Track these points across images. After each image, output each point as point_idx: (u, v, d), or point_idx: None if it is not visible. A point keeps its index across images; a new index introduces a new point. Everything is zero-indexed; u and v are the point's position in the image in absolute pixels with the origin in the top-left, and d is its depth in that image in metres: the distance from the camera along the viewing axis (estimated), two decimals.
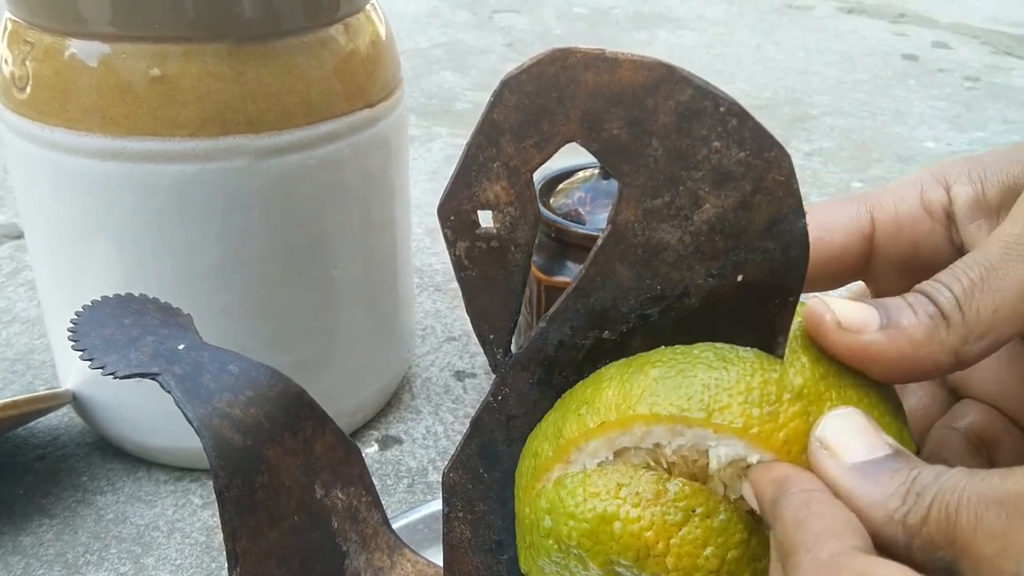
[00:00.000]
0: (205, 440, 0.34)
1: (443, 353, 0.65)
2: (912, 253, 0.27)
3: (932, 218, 0.27)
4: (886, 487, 0.21)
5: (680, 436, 0.24)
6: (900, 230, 0.27)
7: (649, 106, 0.25)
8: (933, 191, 0.27)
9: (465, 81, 1.31)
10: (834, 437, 0.22)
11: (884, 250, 0.27)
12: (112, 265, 0.48)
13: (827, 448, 0.22)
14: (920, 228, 0.27)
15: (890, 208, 0.27)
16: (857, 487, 0.21)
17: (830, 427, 0.22)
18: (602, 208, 0.57)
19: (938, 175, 0.27)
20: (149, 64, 0.43)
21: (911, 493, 0.20)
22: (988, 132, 1.15)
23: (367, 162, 0.50)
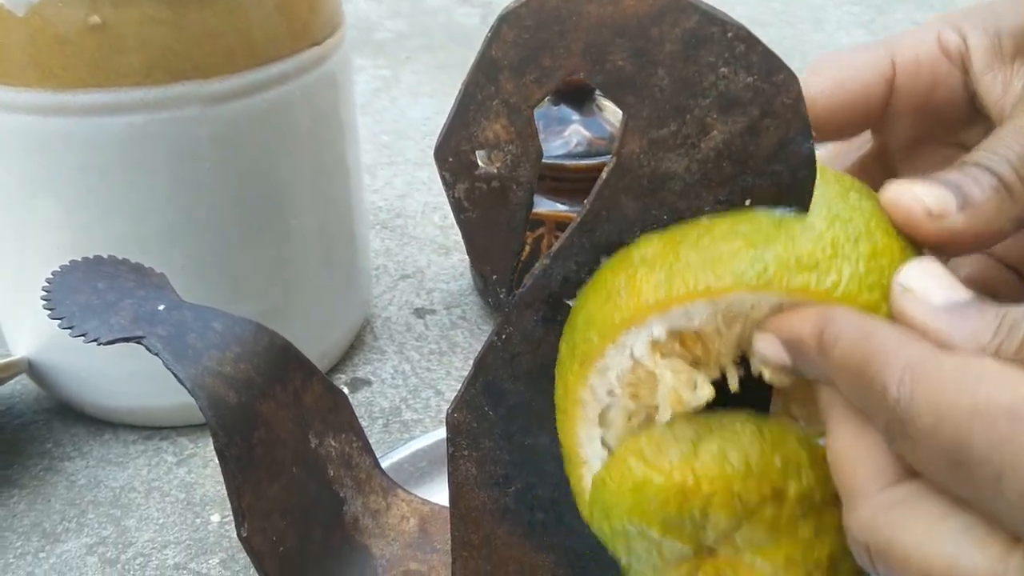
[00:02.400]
0: (200, 400, 0.33)
1: (399, 292, 0.65)
2: (929, 96, 0.28)
3: (950, 61, 0.27)
4: (977, 323, 0.21)
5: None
6: (919, 72, 0.27)
7: (654, 35, 0.24)
8: (950, 36, 0.27)
9: (381, 9, 1.27)
10: (918, 281, 0.22)
11: (903, 92, 0.28)
12: (60, 227, 0.46)
13: (911, 291, 0.22)
14: (939, 70, 0.27)
15: (910, 51, 0.28)
16: (947, 324, 0.21)
17: (913, 273, 0.22)
18: (555, 135, 0.57)
19: (953, 23, 0.28)
20: (87, 11, 0.41)
21: (1003, 327, 0.20)
22: None
23: (317, 103, 0.49)
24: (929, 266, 0.22)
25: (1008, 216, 0.23)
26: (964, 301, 0.21)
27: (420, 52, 1.13)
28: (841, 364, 0.21)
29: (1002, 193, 0.23)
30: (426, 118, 0.94)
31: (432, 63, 1.09)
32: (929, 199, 0.23)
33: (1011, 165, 0.23)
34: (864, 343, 0.21)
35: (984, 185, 0.23)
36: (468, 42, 1.15)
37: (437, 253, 0.70)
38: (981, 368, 0.19)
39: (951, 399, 0.19)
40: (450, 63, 1.09)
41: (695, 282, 0.24)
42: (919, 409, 0.19)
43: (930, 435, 0.19)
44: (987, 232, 0.23)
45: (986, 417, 0.18)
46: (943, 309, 0.21)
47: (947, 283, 0.22)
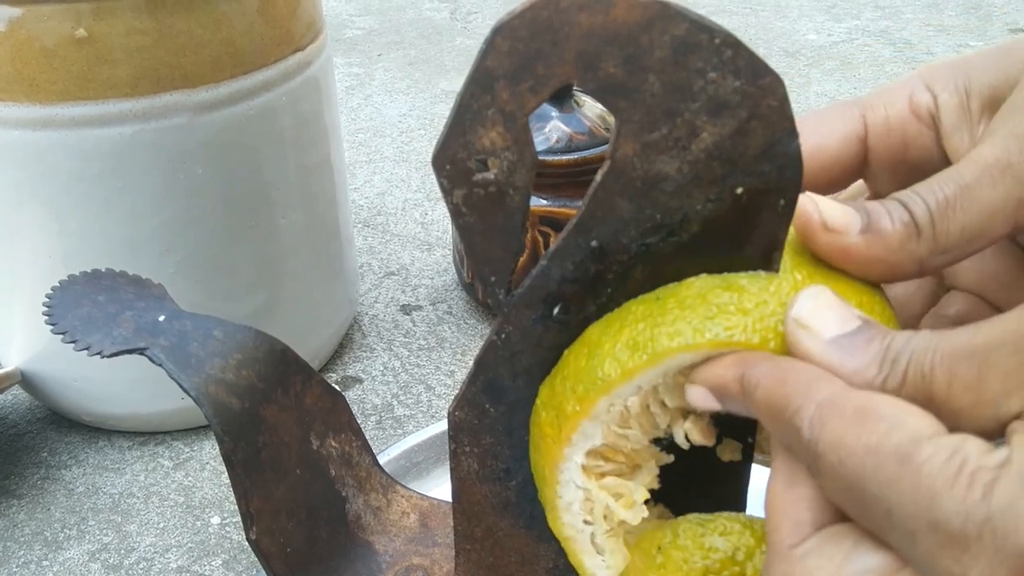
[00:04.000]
0: (205, 408, 0.34)
1: (385, 289, 0.66)
2: (903, 154, 0.29)
3: (920, 121, 0.28)
4: (863, 356, 0.22)
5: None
6: (890, 132, 0.29)
7: (645, 43, 0.25)
8: (921, 95, 0.28)
9: (350, 7, 1.27)
10: (808, 314, 0.23)
11: (877, 151, 0.29)
12: (49, 237, 0.46)
13: (803, 326, 0.23)
14: (909, 130, 0.28)
15: (880, 111, 0.29)
16: (836, 360, 0.22)
17: (804, 306, 0.23)
18: (535, 131, 0.58)
19: (926, 79, 0.29)
20: (72, 25, 0.41)
21: (887, 360, 0.22)
22: (863, 20, 1.20)
23: (302, 107, 0.49)
24: (819, 295, 0.23)
25: (911, 254, 0.24)
26: (852, 331, 0.22)
27: (391, 49, 1.13)
28: (762, 407, 0.23)
29: (910, 230, 0.24)
30: (401, 115, 0.95)
31: (404, 60, 1.09)
32: (829, 213, 0.25)
33: (927, 206, 0.24)
34: (779, 387, 0.22)
35: (895, 218, 0.24)
36: (438, 38, 1.16)
37: (420, 249, 0.71)
38: (878, 408, 0.20)
39: (851, 440, 0.20)
40: (421, 59, 1.09)
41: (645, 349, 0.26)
42: (826, 449, 0.21)
43: (836, 473, 0.20)
44: (887, 261, 0.24)
45: (877, 458, 0.20)
46: (832, 344, 0.22)
47: (836, 312, 0.23)
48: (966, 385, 0.20)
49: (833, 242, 0.25)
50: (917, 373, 0.21)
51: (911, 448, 0.19)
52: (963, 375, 0.20)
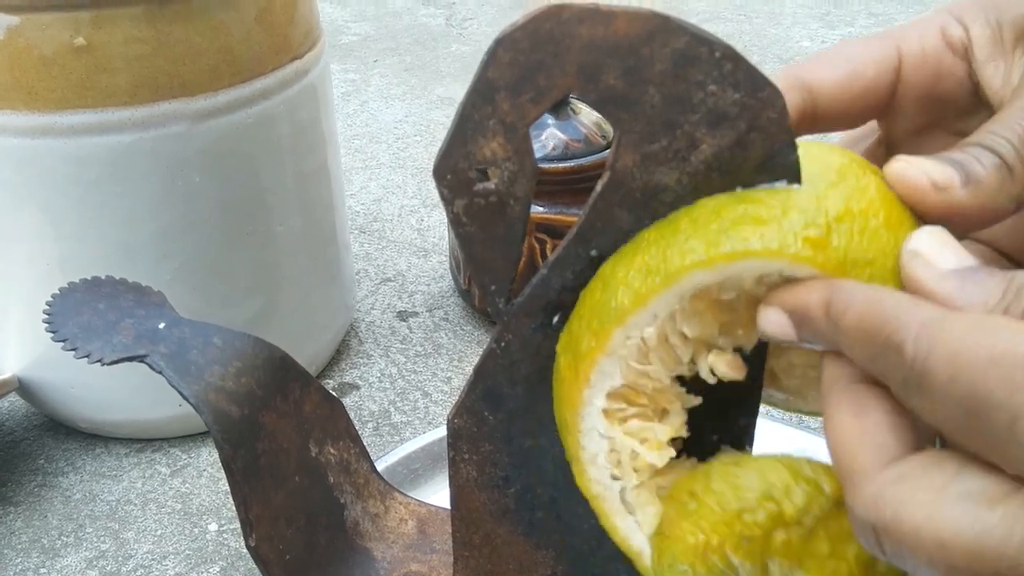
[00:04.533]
0: (205, 415, 0.34)
1: (381, 295, 0.66)
2: (934, 86, 0.29)
3: (954, 52, 0.29)
4: (985, 286, 0.21)
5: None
6: (925, 62, 0.29)
7: (645, 55, 0.25)
8: (953, 28, 0.29)
9: (346, 12, 1.28)
10: (928, 247, 0.23)
11: (909, 82, 0.29)
12: (48, 243, 0.46)
13: (920, 256, 0.23)
14: (943, 60, 0.29)
15: (916, 42, 0.29)
16: (956, 288, 0.22)
17: (923, 239, 0.23)
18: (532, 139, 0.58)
19: (956, 13, 0.29)
20: (71, 33, 0.42)
21: (1010, 290, 0.21)
22: (856, 27, 1.20)
23: (300, 114, 0.49)
24: (938, 233, 0.23)
25: (1009, 194, 0.24)
26: (971, 267, 0.22)
27: (387, 55, 1.13)
28: (853, 330, 0.22)
29: (1003, 171, 0.24)
30: (397, 121, 0.95)
31: (399, 66, 1.09)
32: (935, 173, 0.24)
33: (1011, 145, 0.24)
34: (875, 308, 0.21)
35: (986, 163, 0.24)
36: (434, 44, 1.16)
37: (416, 256, 0.71)
38: (995, 323, 0.20)
39: (969, 351, 0.19)
40: (417, 65, 1.09)
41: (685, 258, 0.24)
42: (937, 363, 0.20)
43: (948, 387, 0.19)
44: (990, 207, 0.24)
45: (1003, 366, 0.19)
46: (952, 273, 0.22)
47: (956, 250, 0.23)
48: None
49: (944, 201, 0.24)
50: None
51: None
52: None
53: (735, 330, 0.26)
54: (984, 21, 0.28)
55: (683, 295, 0.25)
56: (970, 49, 0.28)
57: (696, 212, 0.26)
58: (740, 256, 0.24)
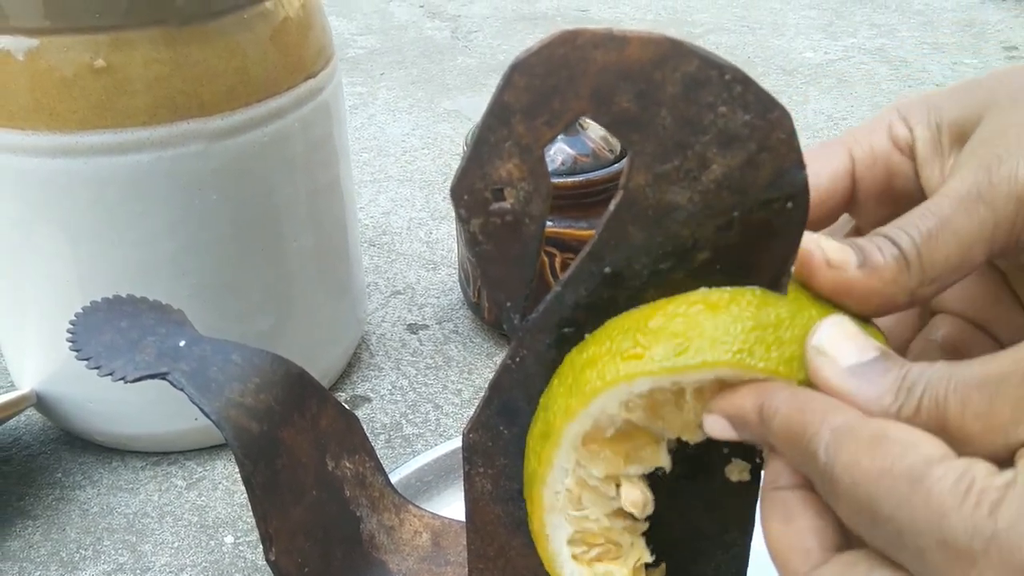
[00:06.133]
0: (225, 432, 0.34)
1: (392, 308, 0.67)
2: (887, 183, 0.30)
3: (901, 152, 0.30)
4: (880, 385, 0.23)
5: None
6: (876, 163, 0.30)
7: (657, 79, 0.26)
8: (899, 128, 0.30)
9: (352, 26, 1.29)
10: (828, 342, 0.24)
11: (864, 183, 0.30)
12: (67, 262, 0.47)
13: (823, 354, 0.24)
14: (892, 160, 0.30)
15: (866, 145, 0.30)
16: (854, 387, 0.23)
17: (824, 334, 0.24)
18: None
19: (903, 113, 0.30)
20: (91, 55, 0.42)
21: (902, 389, 0.23)
22: (859, 38, 1.21)
23: (314, 132, 0.50)
24: (840, 324, 0.24)
25: (903, 286, 0.25)
26: (870, 360, 0.23)
27: (393, 68, 1.14)
28: (780, 434, 0.24)
29: (901, 262, 0.25)
30: (404, 134, 0.96)
31: (406, 79, 1.10)
32: (831, 250, 0.26)
33: (912, 241, 0.25)
34: (797, 414, 0.23)
35: (886, 252, 0.25)
36: (440, 57, 1.17)
37: (425, 268, 0.72)
38: (891, 433, 0.21)
39: (864, 464, 0.21)
40: (423, 78, 1.10)
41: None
42: (841, 472, 0.22)
43: (851, 495, 0.21)
44: (883, 293, 0.25)
45: (890, 479, 0.21)
46: (850, 372, 0.23)
47: (855, 342, 0.24)
48: (977, 413, 0.21)
49: (834, 277, 0.26)
50: (931, 401, 0.22)
51: (922, 469, 0.20)
52: (975, 404, 0.21)
53: (641, 453, 0.29)
54: (926, 123, 0.29)
55: (573, 445, 0.28)
56: (914, 148, 0.29)
57: (564, 368, 0.29)
58: (591, 396, 0.27)
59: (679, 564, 0.33)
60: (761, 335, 0.25)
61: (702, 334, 0.26)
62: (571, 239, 0.57)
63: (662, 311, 0.27)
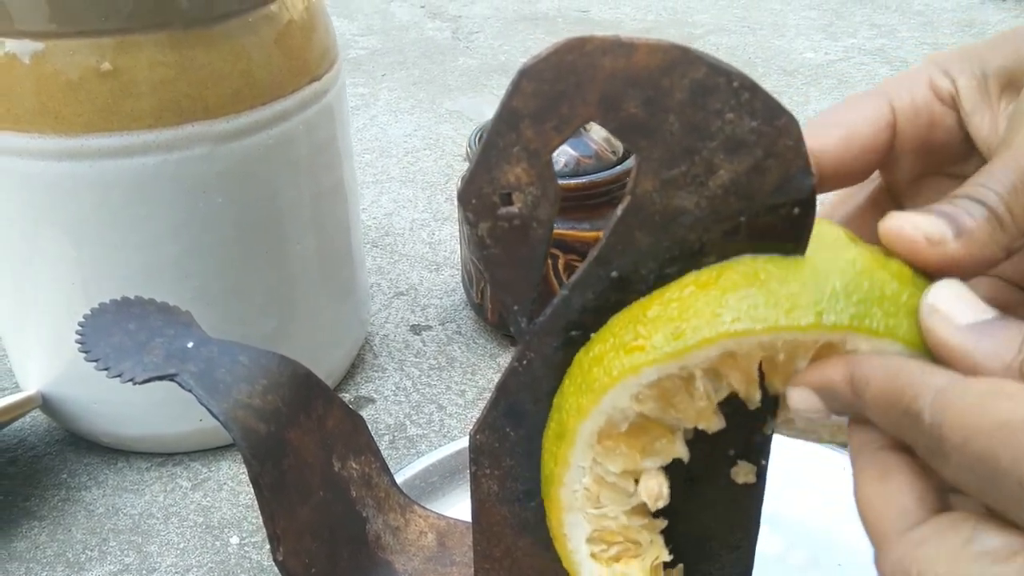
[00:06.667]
0: (233, 432, 0.35)
1: (395, 309, 0.67)
2: (928, 135, 0.30)
3: (943, 102, 0.30)
4: (1001, 341, 0.23)
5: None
6: (917, 115, 0.30)
7: (665, 85, 0.26)
8: (940, 79, 0.30)
9: (353, 26, 1.29)
10: (945, 302, 0.24)
11: (904, 134, 0.30)
12: (72, 264, 0.47)
13: (938, 312, 0.24)
14: (934, 111, 0.30)
15: (906, 95, 0.30)
16: (973, 343, 0.23)
17: (940, 294, 0.24)
18: None
19: (942, 66, 0.30)
20: (97, 58, 0.43)
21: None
22: (859, 39, 1.21)
23: (318, 134, 0.50)
24: (954, 286, 0.24)
25: (999, 243, 0.25)
26: (988, 320, 0.23)
27: (395, 69, 1.14)
28: (876, 401, 0.23)
29: (992, 222, 0.25)
30: (406, 135, 0.96)
31: (407, 80, 1.11)
32: (928, 228, 0.25)
33: (998, 196, 0.25)
34: (894, 379, 0.23)
35: (975, 215, 0.25)
36: (441, 58, 1.17)
37: (428, 270, 0.72)
38: (1003, 388, 0.21)
39: (977, 418, 0.21)
40: (425, 79, 1.10)
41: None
42: (950, 430, 0.21)
43: (961, 452, 0.21)
44: (981, 257, 0.25)
45: (1008, 432, 0.20)
46: (968, 328, 0.23)
47: (972, 303, 0.24)
48: None
49: (938, 253, 0.25)
50: None
51: None
52: None
53: (657, 445, 0.29)
54: (970, 73, 0.29)
55: (589, 443, 0.28)
56: (958, 99, 0.29)
57: (573, 369, 0.29)
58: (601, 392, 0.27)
59: (686, 564, 0.34)
60: (755, 300, 0.25)
61: (697, 313, 0.26)
62: (574, 241, 0.57)
63: (659, 299, 0.27)
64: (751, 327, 0.25)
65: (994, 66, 0.29)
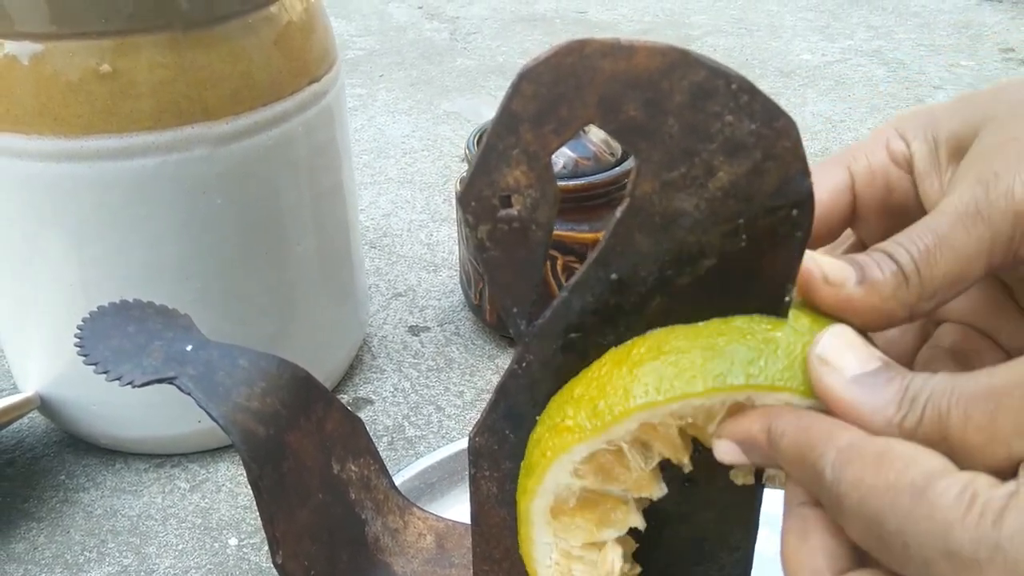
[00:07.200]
0: (233, 435, 0.35)
1: (393, 310, 0.67)
2: (886, 197, 0.31)
3: (898, 166, 0.30)
4: (883, 396, 0.23)
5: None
6: (875, 179, 0.30)
7: (664, 88, 0.26)
8: (896, 143, 0.30)
9: (351, 27, 1.29)
10: (832, 353, 0.24)
11: (864, 199, 0.31)
12: (72, 266, 0.47)
13: (826, 364, 0.24)
14: (891, 175, 0.30)
15: (864, 161, 0.31)
16: (857, 397, 0.23)
17: (827, 344, 0.25)
18: None
19: (899, 129, 0.31)
20: (96, 60, 0.43)
21: (905, 400, 0.23)
22: (856, 40, 1.21)
23: (317, 136, 0.51)
24: (842, 334, 0.25)
25: (902, 301, 0.25)
26: (873, 370, 0.24)
27: (392, 69, 1.14)
28: (789, 454, 0.24)
29: (899, 278, 0.25)
30: (404, 136, 0.96)
31: (405, 80, 1.11)
32: (829, 269, 0.26)
33: (911, 256, 0.26)
34: (803, 435, 0.23)
35: (884, 269, 0.26)
36: (439, 59, 1.17)
37: (426, 271, 0.72)
38: (893, 450, 0.22)
39: (869, 480, 0.21)
40: (422, 80, 1.11)
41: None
42: (847, 489, 0.22)
43: (857, 511, 0.22)
44: (882, 309, 0.26)
45: (894, 495, 0.21)
46: (854, 381, 0.24)
47: (859, 351, 0.24)
48: (980, 426, 0.21)
49: (834, 294, 0.26)
50: (934, 413, 0.22)
51: (926, 483, 0.21)
52: (977, 416, 0.21)
53: (612, 516, 0.30)
54: (923, 137, 0.30)
55: (545, 520, 0.30)
56: (912, 163, 0.30)
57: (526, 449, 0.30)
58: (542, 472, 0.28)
59: (685, 566, 0.34)
60: (660, 372, 0.26)
61: (613, 390, 0.27)
62: (572, 242, 0.57)
63: (584, 378, 0.29)
64: (655, 399, 0.26)
65: (946, 131, 0.29)
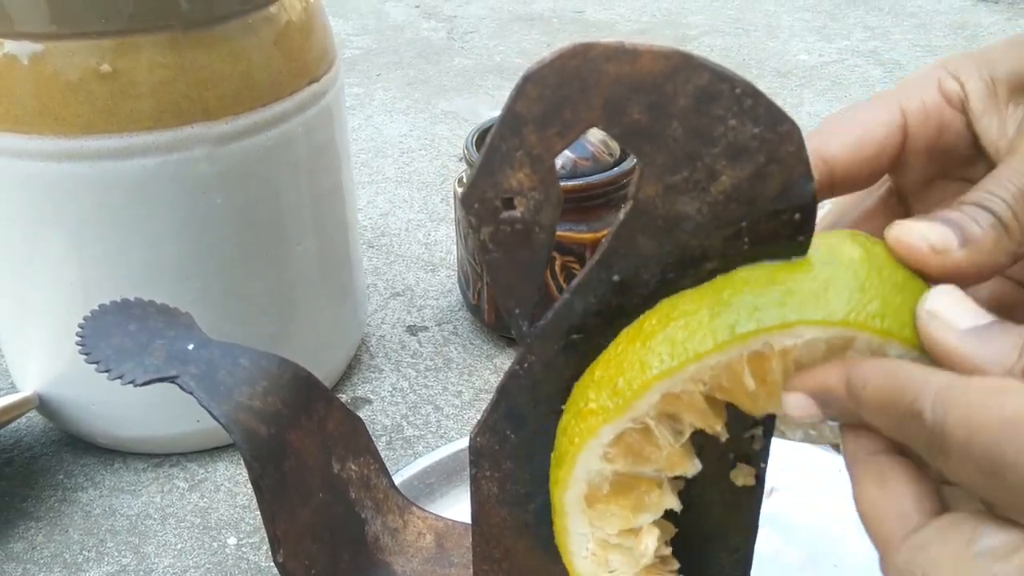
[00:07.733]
0: (234, 435, 0.35)
1: (391, 310, 0.67)
2: (937, 138, 0.30)
3: (952, 106, 0.30)
4: (1001, 345, 0.23)
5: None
6: (927, 117, 0.30)
7: (668, 91, 0.27)
8: (949, 83, 0.30)
9: (348, 26, 1.29)
10: (944, 307, 0.24)
11: (915, 138, 0.30)
12: (72, 266, 0.47)
13: (938, 317, 0.24)
14: (944, 114, 0.30)
15: (916, 99, 0.30)
16: (974, 348, 0.23)
17: (938, 299, 0.24)
18: None
19: (951, 69, 0.30)
20: (96, 60, 0.43)
21: None
22: (853, 41, 1.22)
23: (317, 136, 0.51)
24: (952, 292, 0.24)
25: (1005, 250, 0.25)
26: (987, 324, 0.23)
27: (390, 69, 1.14)
28: (874, 402, 0.23)
29: (998, 229, 0.25)
30: (402, 135, 0.96)
31: (403, 80, 1.11)
32: (933, 236, 0.25)
33: (1006, 203, 0.25)
34: (893, 379, 0.23)
35: (982, 222, 0.25)
36: (436, 58, 1.17)
37: (424, 270, 0.72)
38: (1006, 386, 0.21)
39: (981, 415, 0.21)
40: (420, 79, 1.11)
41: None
42: (953, 427, 0.21)
43: (965, 449, 0.21)
44: (987, 265, 0.25)
45: (1013, 427, 0.20)
46: (969, 333, 0.23)
47: (970, 308, 0.24)
48: None
49: (943, 261, 0.25)
50: None
51: None
52: None
53: (646, 500, 0.29)
54: (978, 76, 0.29)
55: (580, 510, 0.29)
56: (966, 103, 0.29)
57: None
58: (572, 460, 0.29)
59: (685, 567, 0.34)
60: (672, 339, 0.26)
61: (629, 366, 0.27)
62: (571, 242, 0.58)
63: (603, 360, 0.29)
64: (670, 364, 0.26)
65: (1003, 70, 0.29)
